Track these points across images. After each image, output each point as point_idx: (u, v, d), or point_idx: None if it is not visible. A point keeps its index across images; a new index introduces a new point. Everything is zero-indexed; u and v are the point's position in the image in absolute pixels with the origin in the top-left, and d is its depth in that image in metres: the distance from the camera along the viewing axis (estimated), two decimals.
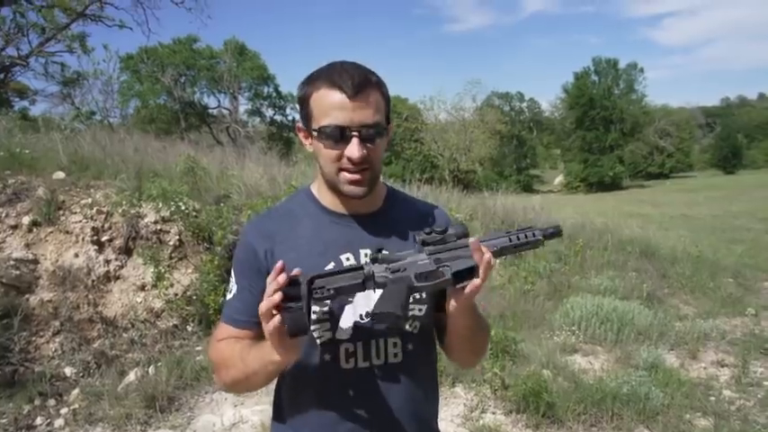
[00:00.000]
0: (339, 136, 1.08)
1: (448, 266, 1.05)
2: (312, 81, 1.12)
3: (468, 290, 1.04)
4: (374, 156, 1.12)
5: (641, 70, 52.62)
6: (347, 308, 1.16)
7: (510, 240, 1.09)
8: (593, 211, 16.49)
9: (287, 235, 1.19)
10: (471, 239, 1.06)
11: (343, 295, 1.07)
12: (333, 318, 1.16)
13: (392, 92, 1.21)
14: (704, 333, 5.28)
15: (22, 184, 4.91)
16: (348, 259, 1.17)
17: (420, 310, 1.20)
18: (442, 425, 3.64)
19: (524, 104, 64.45)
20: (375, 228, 1.21)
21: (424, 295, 1.18)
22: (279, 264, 1.01)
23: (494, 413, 3.70)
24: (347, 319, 1.16)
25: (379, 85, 1.13)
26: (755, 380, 4.34)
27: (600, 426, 3.51)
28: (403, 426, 1.20)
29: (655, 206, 26.33)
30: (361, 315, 1.16)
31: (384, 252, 1.09)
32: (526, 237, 1.09)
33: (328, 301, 1.12)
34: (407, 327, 1.19)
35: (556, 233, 1.11)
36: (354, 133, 1.07)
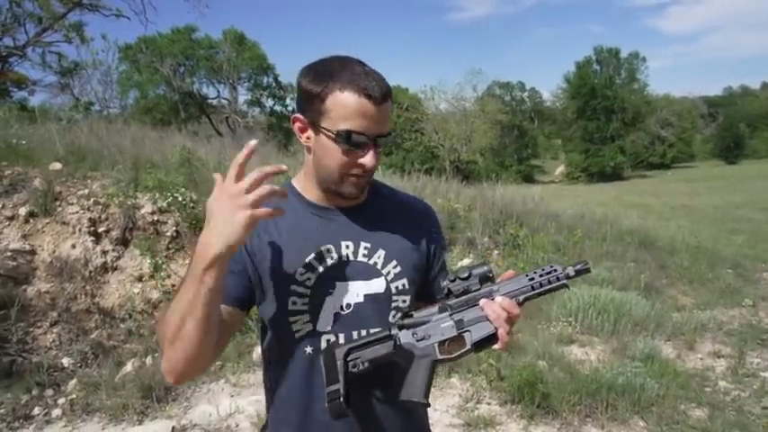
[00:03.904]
0: (361, 144, 1.07)
1: (469, 331, 1.04)
2: (332, 78, 1.07)
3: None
4: (378, 161, 1.13)
5: (643, 59, 52.42)
6: (327, 299, 1.15)
7: (533, 288, 1.04)
8: (593, 201, 16.46)
9: (268, 224, 1.16)
10: (494, 297, 1.05)
11: (376, 365, 1.09)
12: (312, 308, 1.15)
13: (393, 81, 1.21)
14: (701, 324, 5.29)
15: (19, 176, 4.91)
16: (329, 251, 1.16)
17: (404, 301, 1.20)
18: (436, 415, 3.65)
19: (525, 94, 64.22)
20: (357, 220, 1.21)
21: (407, 285, 1.20)
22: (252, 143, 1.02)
23: (489, 404, 3.71)
24: (328, 311, 1.15)
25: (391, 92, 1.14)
26: (751, 370, 4.35)
27: (594, 416, 3.52)
28: (388, 416, 1.20)
29: (656, 196, 26.29)
30: (341, 306, 1.16)
31: (410, 315, 1.11)
32: (549, 282, 1.03)
33: (308, 292, 1.14)
34: (390, 318, 1.19)
35: (582, 271, 1.02)
36: (373, 143, 1.08)
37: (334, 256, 1.16)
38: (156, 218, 5.10)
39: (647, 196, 26.65)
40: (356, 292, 1.16)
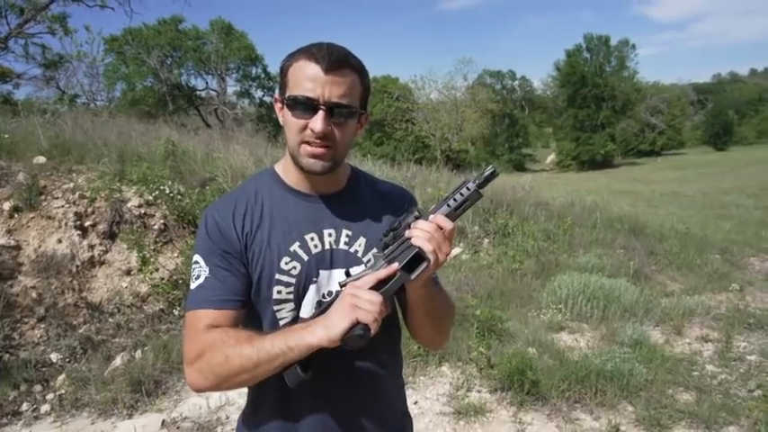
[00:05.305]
0: (306, 107, 1.08)
1: (396, 260, 1.05)
2: (294, 53, 1.13)
3: (423, 274, 1.05)
4: (339, 136, 1.11)
5: (633, 47, 52.40)
6: (311, 287, 1.17)
7: (449, 206, 1.06)
8: (583, 189, 16.54)
9: (253, 215, 1.18)
10: (414, 224, 1.06)
11: None
12: (297, 297, 1.16)
13: (383, 72, 1.20)
14: (689, 309, 5.33)
15: (2, 170, 4.83)
16: (312, 239, 1.18)
17: None
18: (427, 404, 3.66)
19: (516, 83, 64.19)
20: (339, 207, 1.21)
21: None
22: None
23: (479, 391, 3.72)
24: (311, 299, 1.17)
25: (359, 71, 1.13)
26: (738, 354, 4.40)
27: (583, 402, 3.55)
28: (366, 403, 1.22)
29: (645, 184, 26.47)
30: (323, 294, 1.17)
31: (352, 271, 1.12)
32: (462, 194, 1.07)
33: (293, 281, 1.15)
34: None
35: (490, 176, 1.06)
36: (322, 107, 1.07)
37: (318, 244, 1.18)
38: (143, 211, 5.05)
39: (636, 183, 26.82)
40: (337, 280, 1.17)
